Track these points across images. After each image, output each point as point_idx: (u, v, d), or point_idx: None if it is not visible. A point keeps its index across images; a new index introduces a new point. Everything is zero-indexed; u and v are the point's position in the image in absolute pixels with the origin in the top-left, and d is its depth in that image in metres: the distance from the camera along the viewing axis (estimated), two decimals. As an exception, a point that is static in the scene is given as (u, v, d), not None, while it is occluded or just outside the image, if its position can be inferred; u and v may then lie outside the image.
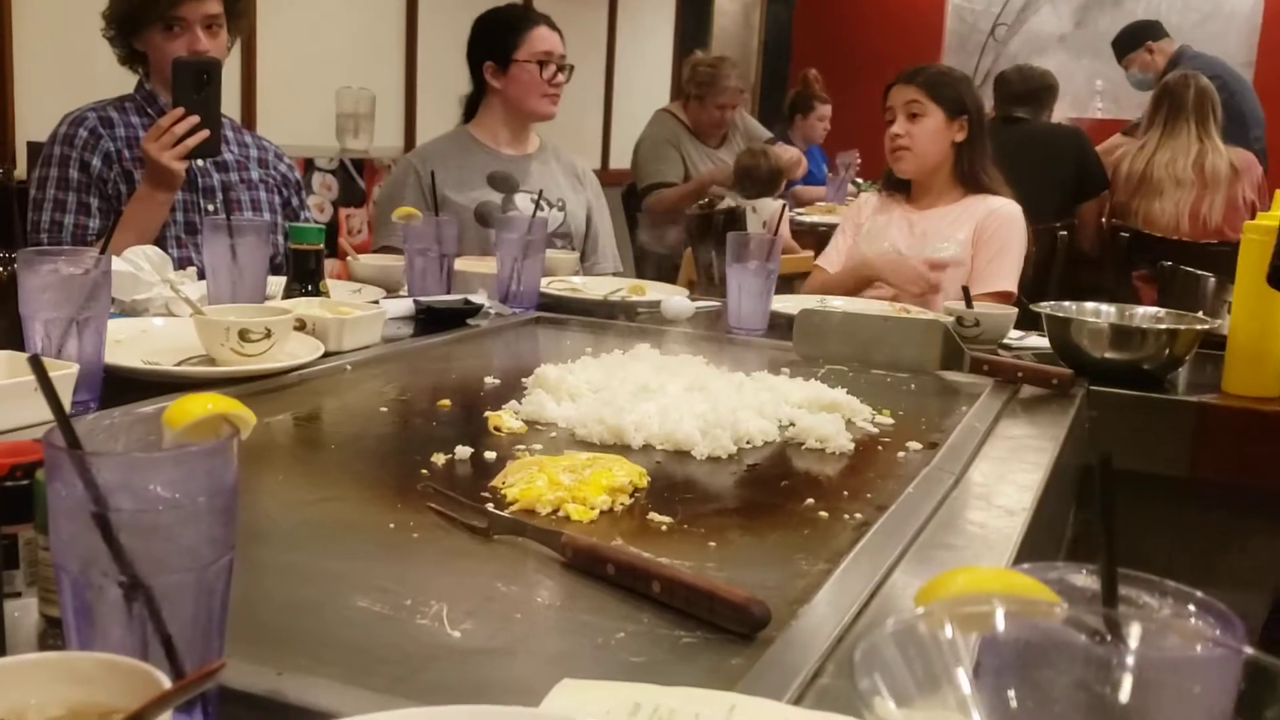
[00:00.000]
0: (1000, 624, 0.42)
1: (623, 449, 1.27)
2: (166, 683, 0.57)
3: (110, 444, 0.64)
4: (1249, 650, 0.39)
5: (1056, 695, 0.39)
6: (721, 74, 4.39)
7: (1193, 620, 0.44)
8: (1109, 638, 0.43)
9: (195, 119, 2.04)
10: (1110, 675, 0.42)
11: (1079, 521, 1.61)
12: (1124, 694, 0.41)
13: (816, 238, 4.38)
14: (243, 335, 1.47)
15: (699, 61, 4.48)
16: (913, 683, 0.38)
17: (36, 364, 0.62)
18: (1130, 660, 0.42)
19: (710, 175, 4.30)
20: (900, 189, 2.71)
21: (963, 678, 0.40)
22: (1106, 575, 0.46)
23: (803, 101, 5.86)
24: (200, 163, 2.25)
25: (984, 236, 2.54)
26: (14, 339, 1.30)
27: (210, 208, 2.30)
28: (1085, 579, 0.48)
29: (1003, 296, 2.44)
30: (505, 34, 2.74)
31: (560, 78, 2.76)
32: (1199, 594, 0.47)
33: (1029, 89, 4.39)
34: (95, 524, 0.60)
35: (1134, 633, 0.43)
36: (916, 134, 2.57)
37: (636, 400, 1.37)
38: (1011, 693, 0.39)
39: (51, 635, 0.71)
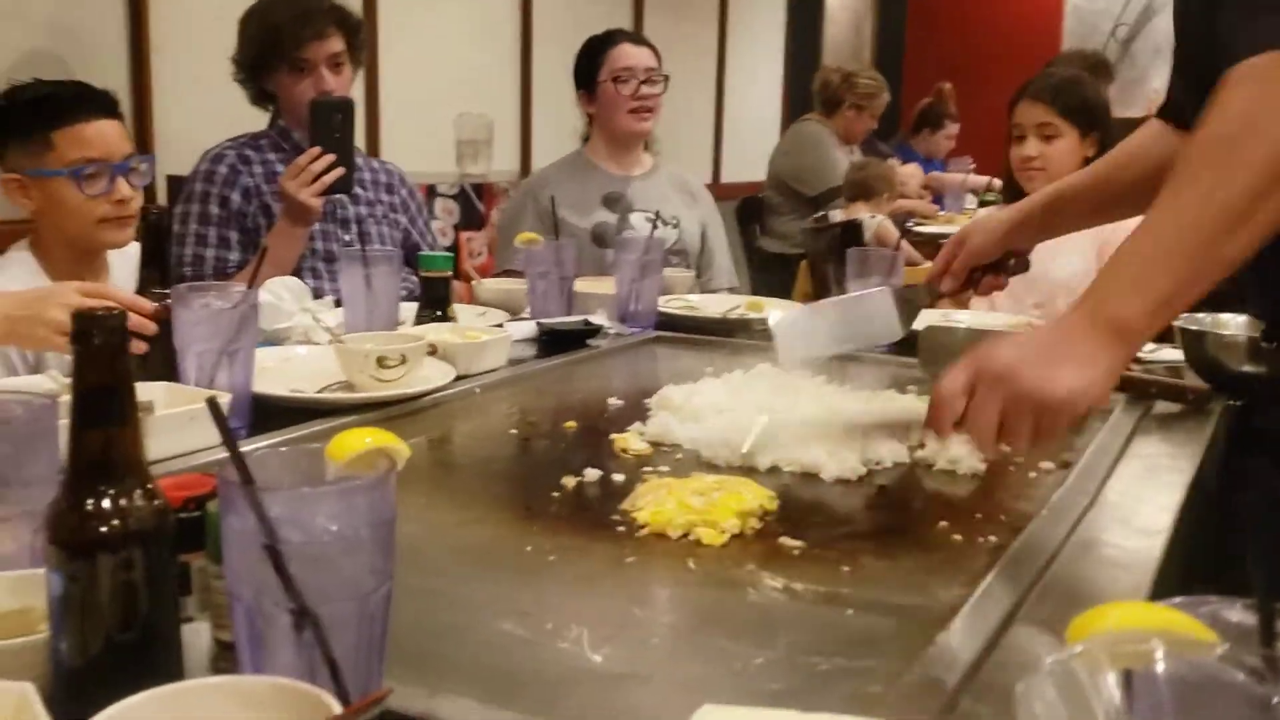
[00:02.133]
0: (1157, 663, 0.42)
1: (749, 471, 1.28)
2: (335, 706, 0.61)
3: (278, 478, 0.68)
4: None
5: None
6: (880, 87, 4.86)
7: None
8: (1268, 677, 0.43)
9: (331, 158, 2.12)
10: (1271, 715, 0.42)
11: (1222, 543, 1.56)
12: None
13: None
14: (380, 362, 1.52)
15: (857, 74, 4.87)
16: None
17: (214, 406, 0.66)
18: (1296, 702, 0.41)
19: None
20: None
21: (1122, 714, 0.40)
22: (1264, 611, 0.45)
23: (934, 116, 5.81)
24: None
25: (1109, 251, 2.47)
26: (170, 370, 1.37)
27: (346, 237, 2.38)
28: (1240, 614, 0.48)
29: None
30: (590, 60, 2.80)
31: (645, 90, 2.75)
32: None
33: None
34: (266, 555, 0.64)
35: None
36: (1051, 156, 2.52)
37: (762, 422, 1.38)
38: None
39: (223, 659, 0.75)
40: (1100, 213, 1.66)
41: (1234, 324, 1.84)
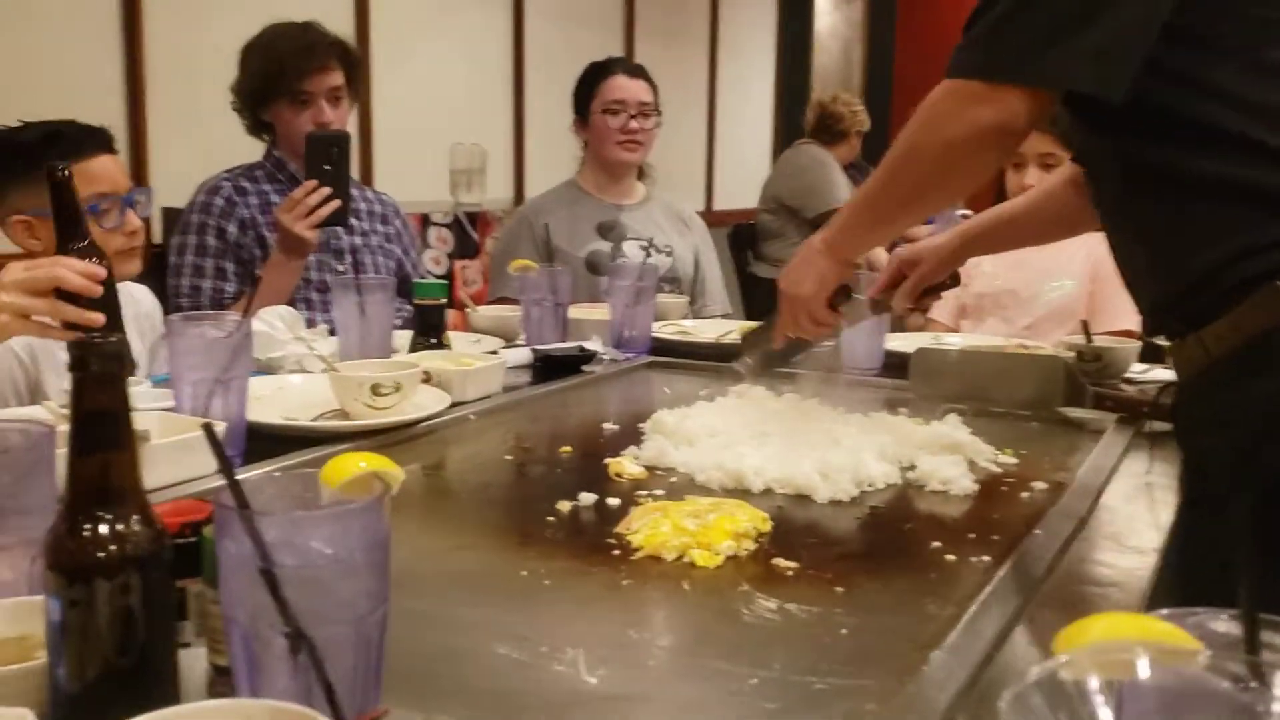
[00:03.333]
0: (1143, 671, 0.42)
1: (743, 493, 1.28)
2: (331, 729, 0.61)
3: (273, 503, 0.69)
4: None
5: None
6: (860, 111, 5.05)
7: (1342, 667, 0.44)
8: (1254, 684, 0.44)
9: (327, 190, 2.14)
10: (1260, 724, 0.42)
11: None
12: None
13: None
14: (374, 389, 1.53)
15: (852, 103, 4.96)
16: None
17: (210, 432, 0.67)
18: (1277, 707, 0.42)
19: None
20: None
21: (1111, 709, 0.41)
22: (1248, 620, 0.46)
23: None
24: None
25: (1103, 273, 2.49)
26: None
27: (340, 267, 2.39)
28: (1226, 624, 0.49)
29: (1125, 335, 2.38)
30: (585, 88, 2.82)
31: (635, 124, 2.77)
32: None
33: None
34: (262, 579, 0.64)
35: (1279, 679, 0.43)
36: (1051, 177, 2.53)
37: (756, 445, 1.39)
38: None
39: (220, 683, 0.75)
40: (1038, 236, 1.81)
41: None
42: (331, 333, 2.02)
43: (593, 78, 2.82)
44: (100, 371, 0.66)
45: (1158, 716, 0.42)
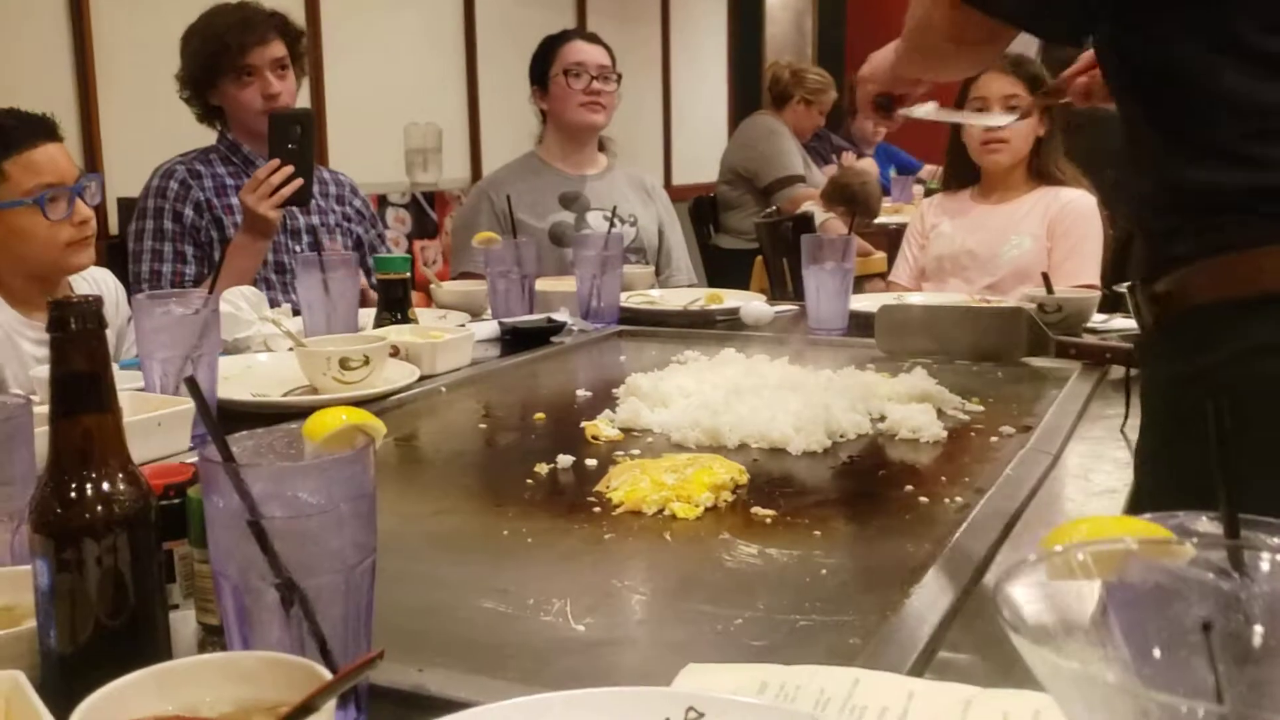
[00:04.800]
0: (1131, 562, 0.44)
1: (719, 450, 1.30)
2: (327, 675, 0.61)
3: (258, 458, 0.69)
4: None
5: (1189, 627, 0.41)
6: (828, 84, 5.05)
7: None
8: (1235, 575, 0.45)
9: (289, 170, 2.13)
10: (1241, 609, 0.44)
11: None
12: (1257, 627, 0.43)
13: (888, 237, 4.39)
14: (343, 364, 1.53)
15: (806, 70, 5.09)
16: (1051, 618, 0.40)
17: (192, 385, 0.67)
18: (1259, 592, 0.43)
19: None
20: (970, 182, 2.69)
21: (1098, 612, 0.42)
22: (1228, 517, 0.48)
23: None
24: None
25: (1059, 230, 2.52)
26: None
27: (298, 248, 2.38)
28: (1207, 525, 0.50)
29: (1085, 289, 2.42)
30: (544, 56, 2.81)
31: (598, 86, 2.76)
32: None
33: None
34: (251, 531, 0.64)
35: (1261, 568, 0.44)
36: (1017, 128, 2.51)
37: (729, 402, 1.40)
38: (1144, 626, 0.41)
39: (210, 642, 0.75)
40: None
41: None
42: (296, 313, 2.01)
43: (550, 46, 2.81)
44: (80, 331, 0.66)
45: (1145, 605, 0.43)
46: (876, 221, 4.77)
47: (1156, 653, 0.41)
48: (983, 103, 2.52)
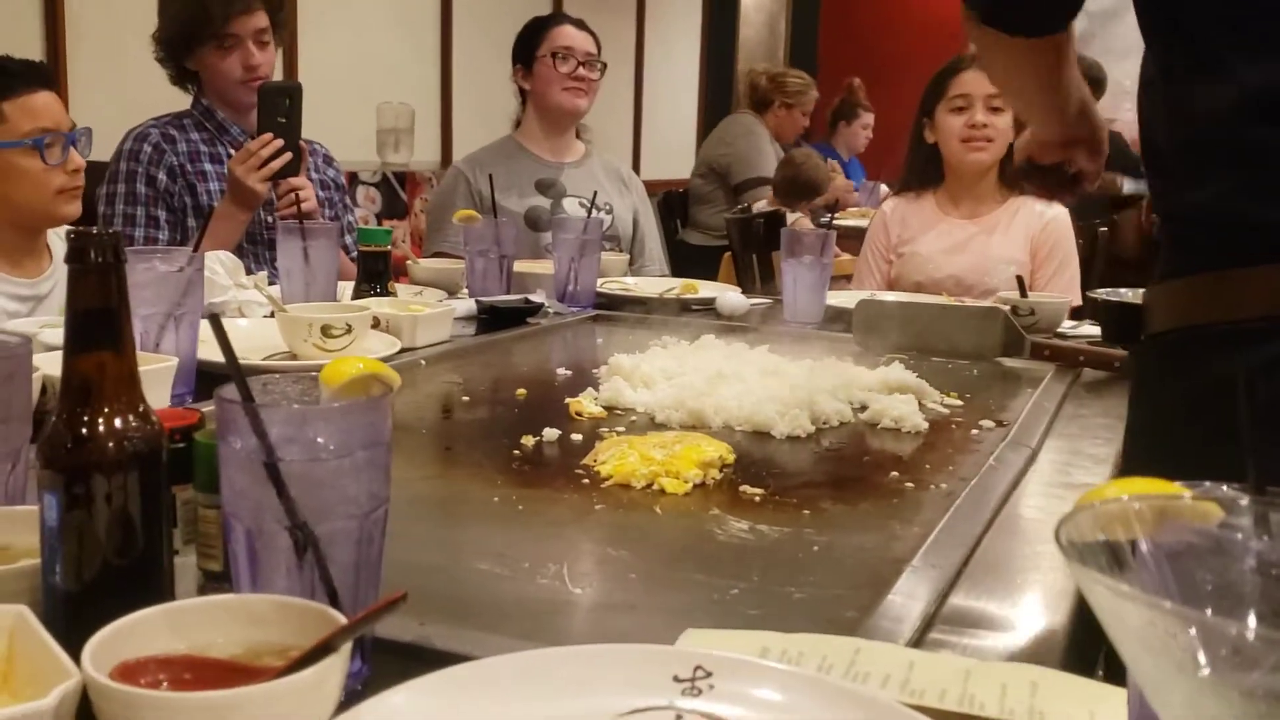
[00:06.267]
0: (1169, 520, 0.45)
1: (702, 431, 1.30)
2: (341, 619, 0.61)
3: (275, 400, 0.68)
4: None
5: (1233, 579, 0.42)
6: (808, 85, 5.14)
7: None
8: (1261, 534, 0.46)
9: (280, 143, 2.11)
10: (1265, 568, 0.45)
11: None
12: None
13: (859, 240, 4.42)
14: (325, 331, 1.51)
15: (786, 74, 5.10)
16: (1108, 560, 0.41)
17: (216, 321, 0.66)
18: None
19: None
20: (930, 184, 2.59)
21: (1138, 561, 0.43)
22: (1255, 484, 0.48)
23: (847, 110, 5.94)
24: None
25: (1042, 252, 2.48)
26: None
27: (270, 219, 2.35)
28: (1232, 493, 0.51)
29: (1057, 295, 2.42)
30: (530, 37, 2.80)
31: (584, 71, 2.76)
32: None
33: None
34: (267, 474, 0.64)
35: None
36: (999, 128, 2.47)
37: (713, 384, 1.40)
38: (1193, 576, 0.43)
39: (210, 589, 0.75)
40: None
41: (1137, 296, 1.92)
42: (271, 282, 1.99)
43: (539, 27, 2.80)
44: (99, 263, 0.65)
45: (1191, 559, 0.44)
46: (848, 225, 4.81)
47: (1204, 605, 0.42)
48: (965, 99, 2.48)
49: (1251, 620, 0.41)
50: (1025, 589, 0.91)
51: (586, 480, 1.11)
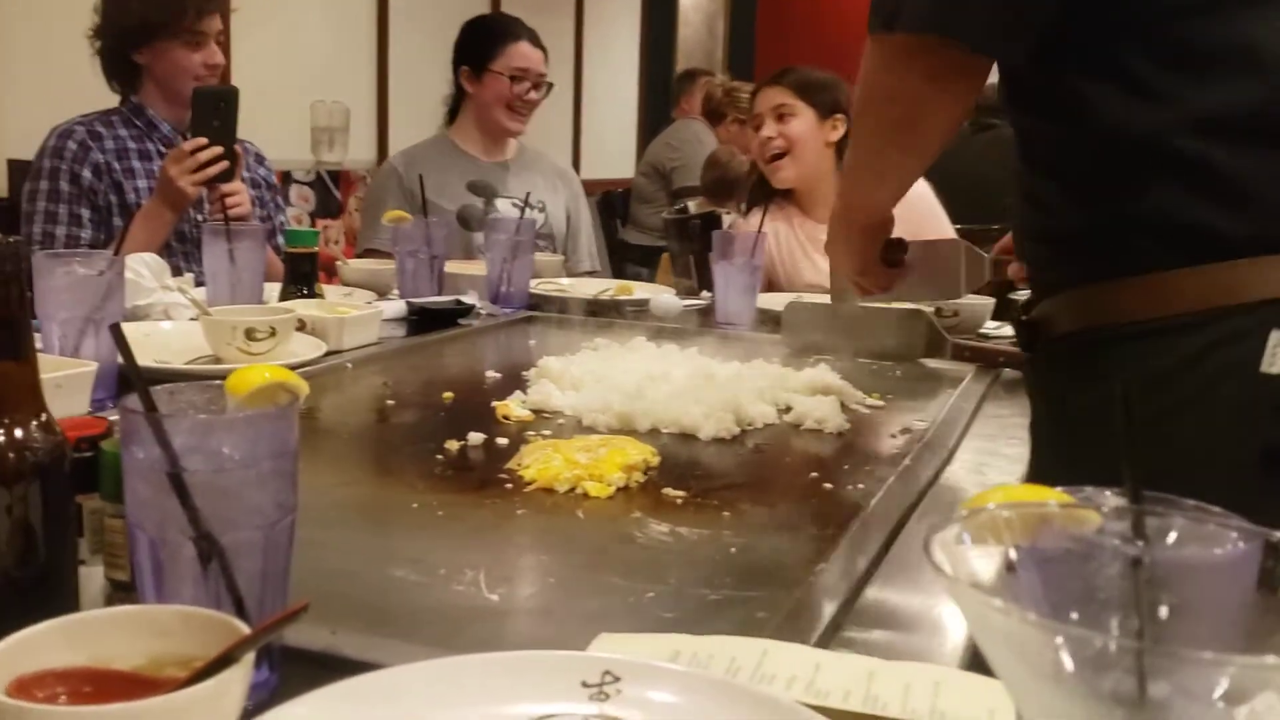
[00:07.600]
0: (1045, 526, 0.46)
1: (629, 434, 1.31)
2: (245, 630, 0.61)
3: (180, 410, 0.68)
4: (1275, 535, 0.44)
5: (1100, 586, 0.44)
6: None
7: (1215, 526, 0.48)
8: (1136, 539, 0.48)
9: (218, 149, 2.08)
10: (1140, 573, 0.47)
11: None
12: (1162, 590, 0.46)
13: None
14: (249, 334, 1.50)
15: (740, 88, 5.04)
16: (976, 570, 0.43)
17: (117, 331, 0.65)
18: (1161, 558, 0.46)
19: None
20: (784, 198, 2.59)
21: (1017, 569, 0.44)
22: (1132, 492, 0.50)
23: None
24: None
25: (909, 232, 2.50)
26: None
27: (200, 217, 2.32)
28: (1113, 499, 0.53)
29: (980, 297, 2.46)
30: (486, 41, 2.78)
31: (533, 95, 2.78)
32: (1217, 509, 0.51)
33: None
34: (171, 484, 0.63)
35: (1165, 536, 0.47)
36: (791, 134, 2.47)
37: (641, 388, 1.41)
38: (1061, 584, 0.44)
39: (118, 599, 0.74)
40: None
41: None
42: (199, 284, 1.96)
43: (496, 35, 2.78)
44: (-3, 273, 0.64)
45: (1061, 566, 0.46)
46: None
47: (1073, 610, 0.44)
48: (758, 119, 2.51)
49: (1114, 626, 0.42)
50: (935, 589, 0.92)
51: (510, 485, 1.11)
